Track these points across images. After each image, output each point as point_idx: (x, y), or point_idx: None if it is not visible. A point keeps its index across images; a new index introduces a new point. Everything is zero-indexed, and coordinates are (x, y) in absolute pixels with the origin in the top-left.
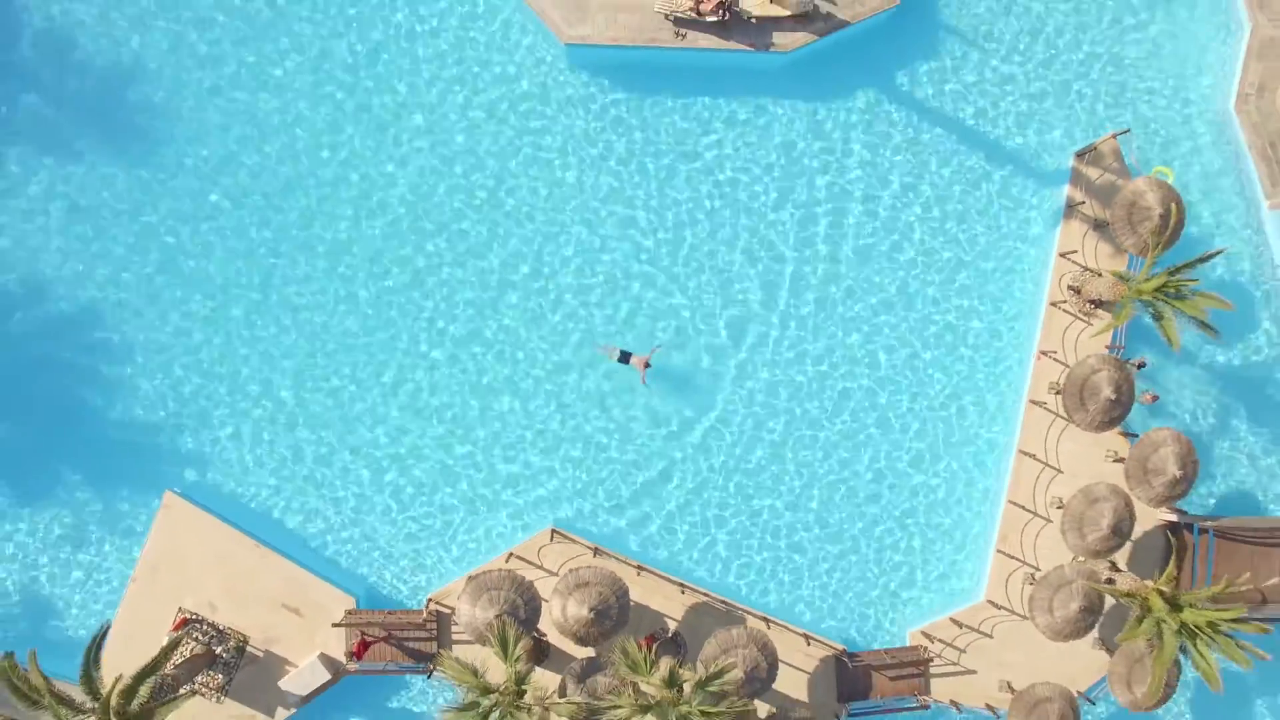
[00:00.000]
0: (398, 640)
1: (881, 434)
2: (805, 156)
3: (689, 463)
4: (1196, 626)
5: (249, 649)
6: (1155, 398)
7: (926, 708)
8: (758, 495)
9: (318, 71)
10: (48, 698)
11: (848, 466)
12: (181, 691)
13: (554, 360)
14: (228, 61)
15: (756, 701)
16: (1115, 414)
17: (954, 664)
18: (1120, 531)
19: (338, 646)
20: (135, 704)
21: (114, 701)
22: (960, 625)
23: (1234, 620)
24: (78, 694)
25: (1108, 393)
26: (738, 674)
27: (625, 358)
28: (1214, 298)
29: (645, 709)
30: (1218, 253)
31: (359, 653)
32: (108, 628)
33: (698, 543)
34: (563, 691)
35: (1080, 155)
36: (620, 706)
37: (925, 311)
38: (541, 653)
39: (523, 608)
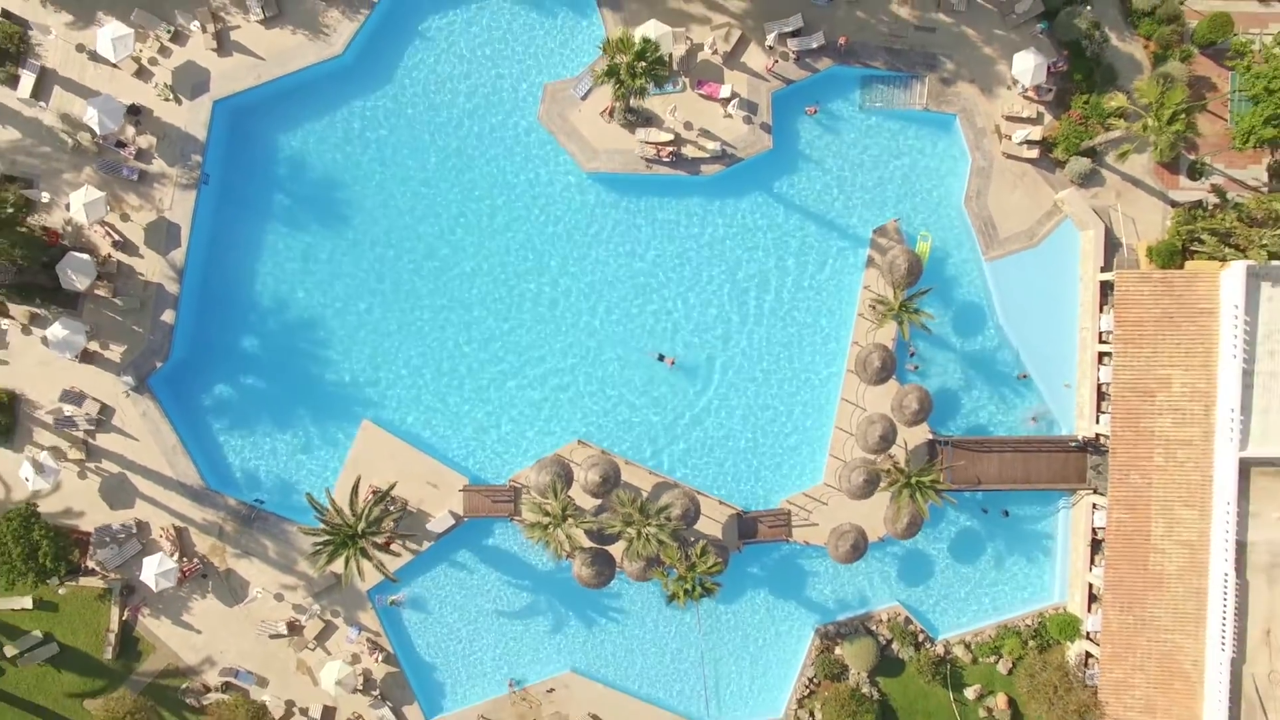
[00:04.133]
0: (493, 501)
1: (771, 394)
2: (723, 232)
3: (672, 411)
4: (915, 484)
5: (408, 509)
6: (916, 368)
7: (788, 541)
8: (701, 428)
9: (467, 203)
10: (336, 511)
11: (753, 413)
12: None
13: (600, 360)
14: (388, 191)
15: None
16: (883, 375)
17: (804, 520)
18: (886, 439)
19: (458, 505)
20: (374, 514)
21: (363, 511)
22: (809, 497)
23: (932, 481)
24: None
25: (876, 364)
26: (676, 510)
27: (661, 358)
28: (926, 314)
29: (628, 523)
30: (927, 290)
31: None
32: (360, 479)
33: (660, 448)
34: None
35: (875, 231)
36: (615, 524)
37: (795, 320)
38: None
39: (563, 474)
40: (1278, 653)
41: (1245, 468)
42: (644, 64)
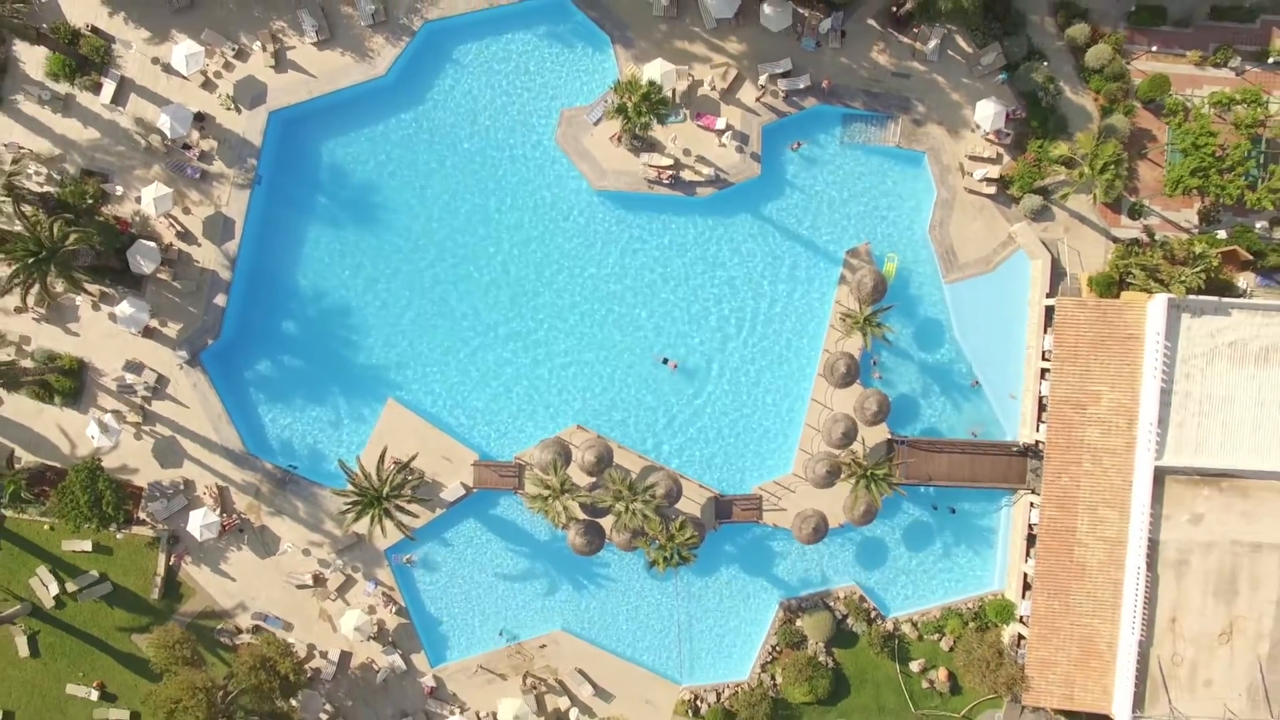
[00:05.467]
0: (499, 475)
1: (750, 393)
2: (715, 248)
3: (665, 403)
4: (870, 476)
5: (425, 479)
6: (879, 375)
7: (759, 523)
8: (687, 421)
9: (489, 220)
10: (364, 476)
11: (734, 409)
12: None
13: (602, 356)
14: (418, 196)
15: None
16: (847, 380)
17: (774, 506)
18: (848, 436)
19: (469, 478)
20: (396, 481)
21: (388, 477)
22: (779, 485)
23: (885, 474)
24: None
25: (841, 369)
26: (661, 490)
27: (665, 360)
28: (887, 327)
29: (617, 499)
30: (889, 307)
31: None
32: (386, 450)
33: (649, 435)
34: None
35: (848, 252)
36: (606, 499)
37: (774, 328)
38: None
39: (563, 454)
40: (1180, 638)
41: (1160, 475)
42: (648, 104)
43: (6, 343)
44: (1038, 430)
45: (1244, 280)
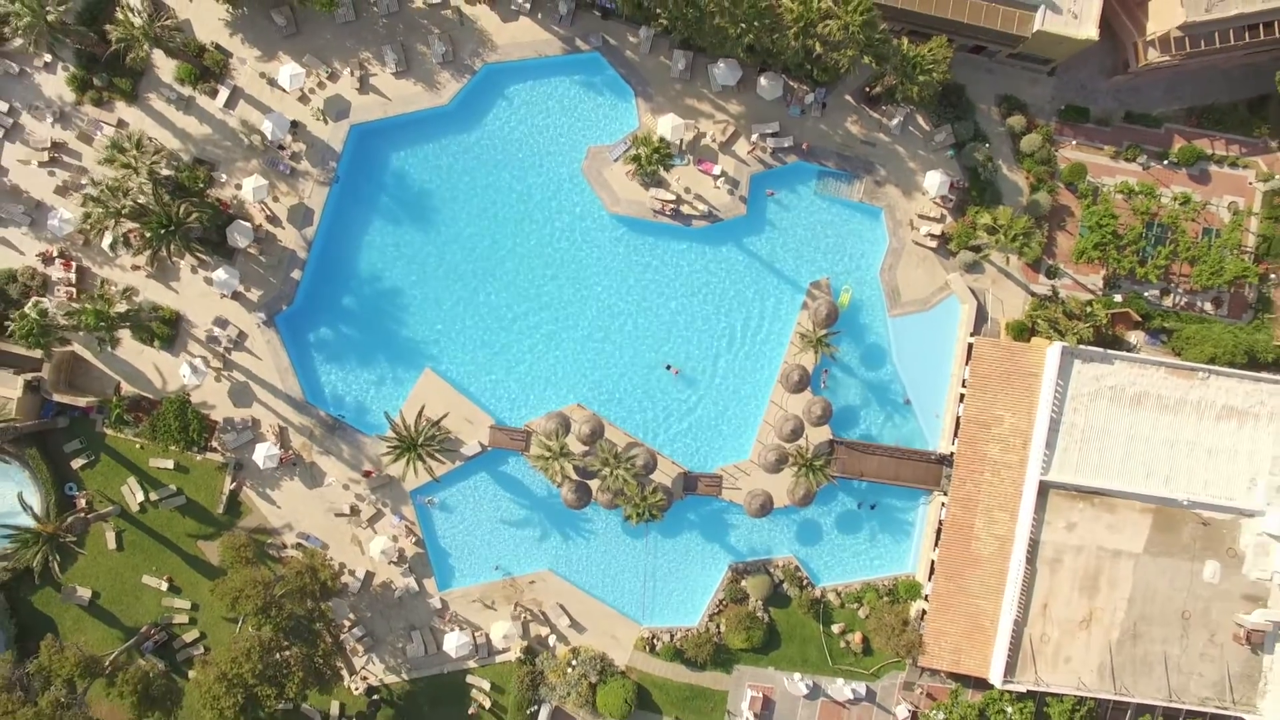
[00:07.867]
0: (510, 438)
1: (722, 392)
2: (703, 271)
3: (650, 393)
4: (809, 465)
5: (450, 436)
6: (826, 386)
7: (718, 498)
8: (668, 409)
9: (516, 241)
10: (404, 427)
11: (708, 404)
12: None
13: (602, 351)
14: (465, 204)
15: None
16: (799, 387)
17: (732, 484)
18: (796, 433)
19: (485, 438)
20: (430, 432)
21: (422, 429)
22: (736, 468)
23: (822, 466)
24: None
25: (795, 378)
26: (640, 461)
27: (668, 367)
28: (835, 348)
29: (605, 465)
30: (838, 331)
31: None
32: (424, 408)
33: (637, 417)
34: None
35: (811, 284)
36: (596, 464)
37: (748, 341)
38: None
39: (564, 424)
40: (1050, 621)
41: (1045, 488)
42: (657, 155)
43: (125, 295)
44: (952, 443)
45: (1135, 337)
